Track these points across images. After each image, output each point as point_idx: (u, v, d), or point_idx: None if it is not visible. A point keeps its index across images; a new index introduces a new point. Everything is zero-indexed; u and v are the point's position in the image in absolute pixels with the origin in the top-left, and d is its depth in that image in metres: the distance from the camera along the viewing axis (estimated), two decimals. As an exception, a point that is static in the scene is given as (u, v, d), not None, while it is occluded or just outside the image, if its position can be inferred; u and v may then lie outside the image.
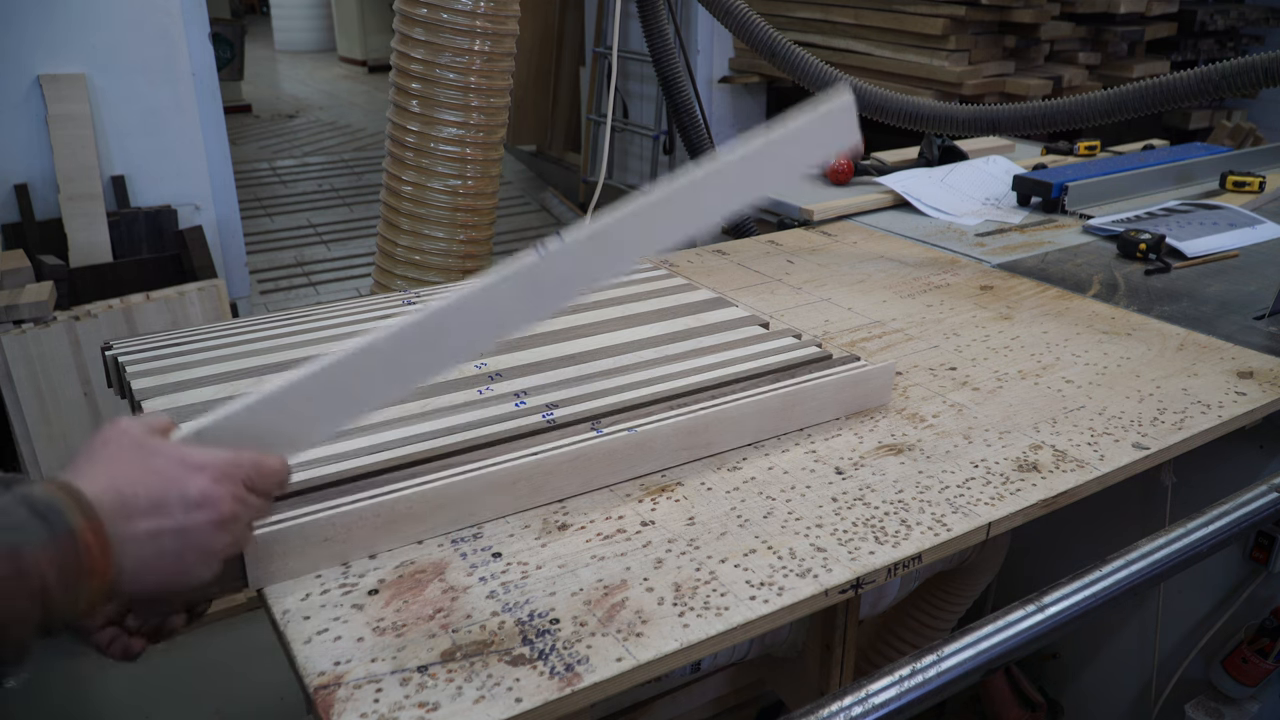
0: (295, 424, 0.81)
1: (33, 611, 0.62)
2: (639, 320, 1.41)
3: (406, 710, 0.76)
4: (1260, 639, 1.51)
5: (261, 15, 13.43)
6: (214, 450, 0.75)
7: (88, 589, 0.65)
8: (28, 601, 0.61)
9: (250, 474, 0.76)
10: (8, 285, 2.56)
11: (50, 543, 0.62)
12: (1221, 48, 4.55)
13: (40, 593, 0.62)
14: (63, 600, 0.63)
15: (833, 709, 0.84)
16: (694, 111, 2.34)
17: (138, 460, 0.71)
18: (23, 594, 0.61)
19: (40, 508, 0.63)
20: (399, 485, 0.97)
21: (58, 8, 3.01)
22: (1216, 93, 1.54)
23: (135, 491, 0.69)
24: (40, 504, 0.64)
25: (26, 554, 0.61)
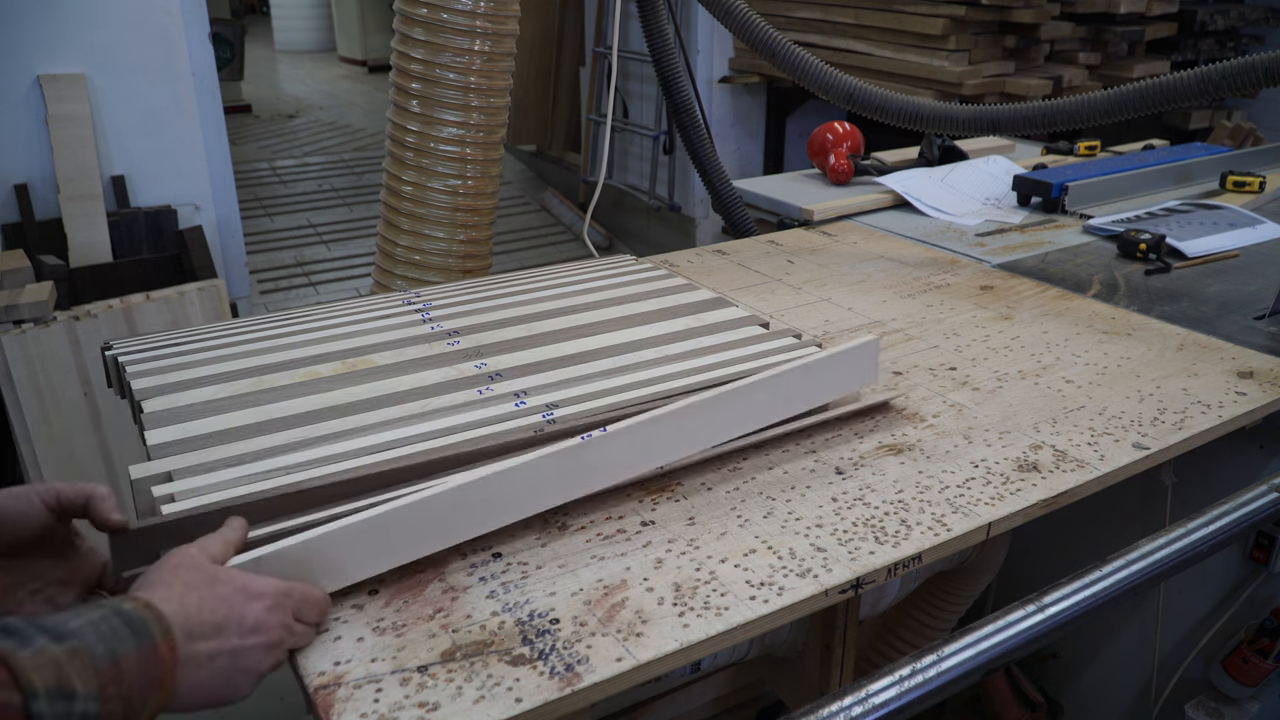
0: (344, 560, 0.88)
1: (117, 715, 0.67)
2: (639, 320, 1.41)
3: (406, 710, 0.76)
4: (1260, 639, 1.51)
5: (261, 15, 13.44)
6: (269, 580, 0.82)
7: (154, 701, 0.71)
8: (120, 706, 0.67)
9: (299, 605, 0.83)
10: (8, 285, 2.56)
11: (137, 653, 0.69)
12: (1221, 48, 4.55)
13: (126, 699, 0.68)
14: (135, 706, 0.69)
15: (833, 709, 0.84)
16: (694, 111, 2.34)
17: (204, 585, 0.78)
18: (118, 698, 0.67)
19: (133, 622, 0.71)
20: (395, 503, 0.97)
21: (58, 8, 3.02)
22: (1216, 93, 1.53)
23: (201, 616, 0.76)
24: (132, 619, 0.71)
25: (122, 659, 0.68)
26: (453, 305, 1.46)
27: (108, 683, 0.67)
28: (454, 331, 1.36)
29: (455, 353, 1.30)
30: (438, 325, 1.38)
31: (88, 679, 0.66)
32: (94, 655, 0.67)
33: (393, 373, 1.23)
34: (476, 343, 1.33)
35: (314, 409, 1.12)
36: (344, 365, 1.24)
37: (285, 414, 1.11)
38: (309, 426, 1.08)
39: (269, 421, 1.09)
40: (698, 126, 2.34)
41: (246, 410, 1.11)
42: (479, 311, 1.44)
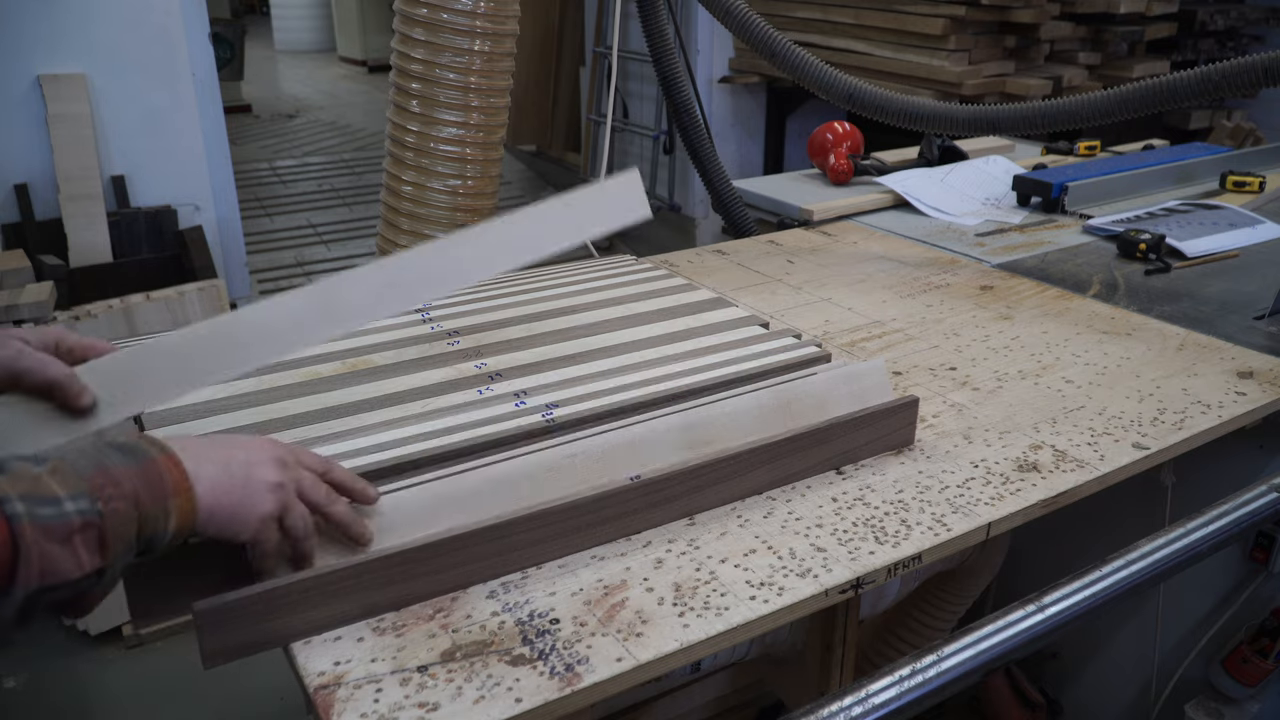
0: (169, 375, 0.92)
1: (129, 514, 0.71)
2: (639, 320, 1.41)
3: (406, 710, 0.76)
4: (1260, 639, 1.51)
5: (261, 15, 13.43)
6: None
7: (176, 505, 0.75)
8: (125, 504, 0.71)
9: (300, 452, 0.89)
10: (8, 285, 2.56)
11: (133, 465, 0.73)
12: (1221, 48, 4.55)
13: (134, 499, 0.72)
14: (154, 512, 0.73)
15: (833, 709, 0.84)
16: (694, 111, 2.34)
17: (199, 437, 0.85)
18: (120, 498, 0.71)
19: (120, 445, 0.75)
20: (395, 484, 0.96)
21: (58, 8, 3.02)
22: (1216, 93, 1.53)
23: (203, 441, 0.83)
24: (122, 445, 0.75)
25: (112, 469, 0.72)
26: (453, 305, 1.46)
27: (99, 485, 0.69)
28: (454, 331, 1.36)
29: (455, 353, 1.30)
30: (438, 325, 1.38)
31: (70, 483, 0.68)
32: (76, 467, 0.70)
33: (393, 373, 1.23)
34: (476, 343, 1.33)
35: (314, 409, 1.12)
36: (344, 365, 1.24)
37: (285, 414, 1.11)
38: (309, 426, 1.08)
39: (269, 421, 1.09)
40: (698, 126, 2.34)
41: (246, 410, 1.11)
42: (479, 311, 1.44)
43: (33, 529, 0.65)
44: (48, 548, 0.66)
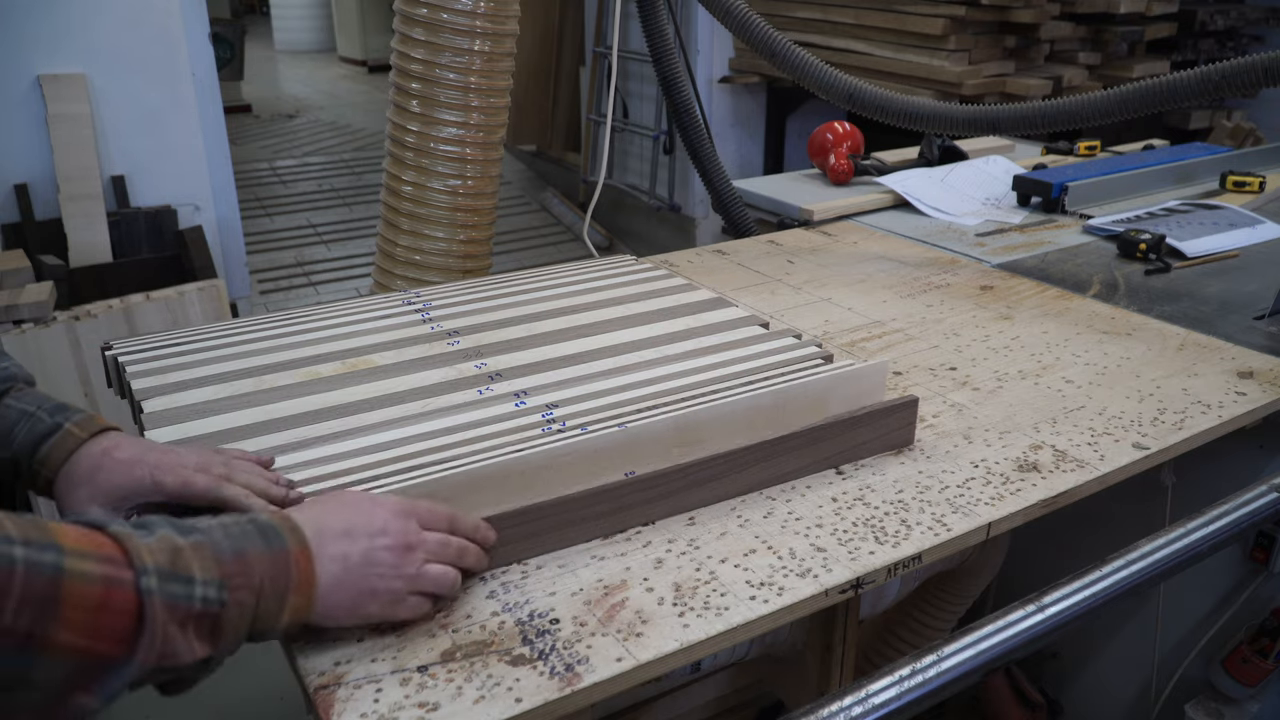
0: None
1: (249, 606, 0.71)
2: (639, 320, 1.41)
3: (406, 710, 0.76)
4: (1260, 639, 1.51)
5: (261, 15, 13.43)
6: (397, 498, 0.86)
7: (293, 603, 0.75)
8: (249, 595, 0.71)
9: (424, 514, 0.86)
10: (8, 285, 2.56)
11: (267, 553, 0.73)
12: (1221, 48, 4.55)
13: (257, 592, 0.71)
14: (271, 606, 0.73)
15: (833, 709, 0.84)
16: (694, 111, 2.34)
17: (335, 499, 0.84)
18: (246, 589, 0.70)
19: (264, 528, 0.75)
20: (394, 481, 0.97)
21: (58, 8, 3.02)
22: (1217, 93, 1.53)
23: (330, 521, 0.80)
24: (264, 525, 0.75)
25: (250, 555, 0.72)
26: (453, 305, 1.46)
27: (233, 574, 0.69)
28: (454, 331, 1.36)
29: (455, 353, 1.30)
30: (438, 325, 1.38)
31: (208, 567, 0.68)
32: (218, 549, 0.69)
33: (393, 373, 1.23)
34: (476, 343, 1.33)
35: (314, 409, 1.12)
36: (344, 365, 1.24)
37: (285, 414, 1.11)
38: (309, 426, 1.08)
39: (269, 421, 1.09)
40: (698, 126, 2.34)
41: (247, 410, 1.11)
42: (479, 311, 1.44)
43: (162, 606, 0.64)
44: (170, 629, 0.65)
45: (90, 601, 0.61)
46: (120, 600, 0.62)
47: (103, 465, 0.88)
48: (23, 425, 0.88)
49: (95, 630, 0.61)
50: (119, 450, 0.89)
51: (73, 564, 0.61)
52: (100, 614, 0.61)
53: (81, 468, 0.88)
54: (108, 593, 0.62)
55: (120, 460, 0.88)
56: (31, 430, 0.89)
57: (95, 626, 0.61)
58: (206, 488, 0.89)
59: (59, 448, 0.88)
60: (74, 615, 0.60)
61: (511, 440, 1.05)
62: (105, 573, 0.62)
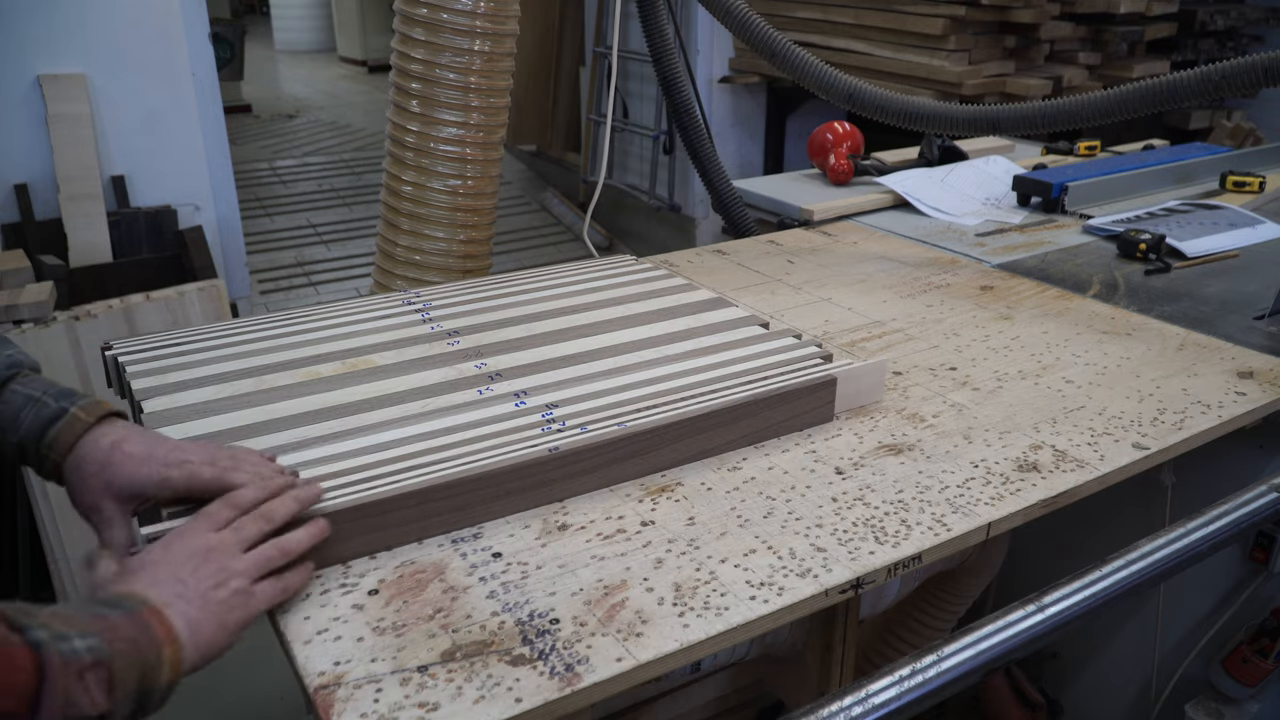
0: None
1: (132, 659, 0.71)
2: (639, 320, 1.41)
3: (406, 710, 0.76)
4: (1260, 639, 1.51)
5: (261, 15, 13.43)
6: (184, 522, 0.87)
7: (169, 656, 0.75)
8: (128, 647, 0.71)
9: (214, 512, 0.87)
10: (8, 285, 2.56)
11: (125, 616, 0.73)
12: (1221, 48, 4.55)
13: (134, 644, 0.71)
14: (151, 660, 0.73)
15: (833, 709, 0.84)
16: (694, 111, 2.34)
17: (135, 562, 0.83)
18: (120, 640, 0.70)
19: (106, 600, 0.76)
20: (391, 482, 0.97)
21: (58, 8, 3.02)
22: (1216, 93, 1.53)
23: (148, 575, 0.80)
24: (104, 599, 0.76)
25: (110, 618, 0.72)
26: (453, 305, 1.46)
27: (102, 630, 0.69)
28: (454, 331, 1.36)
29: (455, 353, 1.30)
30: (438, 325, 1.38)
31: (76, 624, 0.68)
32: (77, 614, 0.70)
33: (393, 373, 1.23)
34: (476, 343, 1.33)
35: (314, 409, 1.12)
36: (344, 365, 1.24)
37: (285, 414, 1.11)
38: (309, 426, 1.08)
39: (269, 421, 1.09)
40: (698, 126, 2.34)
41: (247, 410, 1.11)
42: (479, 311, 1.44)
43: (58, 658, 0.64)
44: (68, 681, 0.64)
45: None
46: (18, 656, 0.62)
47: (113, 460, 0.89)
48: (29, 410, 0.89)
49: (6, 690, 0.61)
50: (128, 444, 0.90)
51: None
52: (6, 673, 0.61)
53: (92, 460, 0.89)
54: (7, 652, 0.62)
55: (130, 455, 0.89)
56: (37, 415, 0.89)
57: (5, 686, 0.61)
58: (213, 478, 0.90)
59: (66, 432, 0.89)
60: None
61: (511, 440, 1.05)
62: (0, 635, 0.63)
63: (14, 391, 0.90)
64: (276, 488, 0.91)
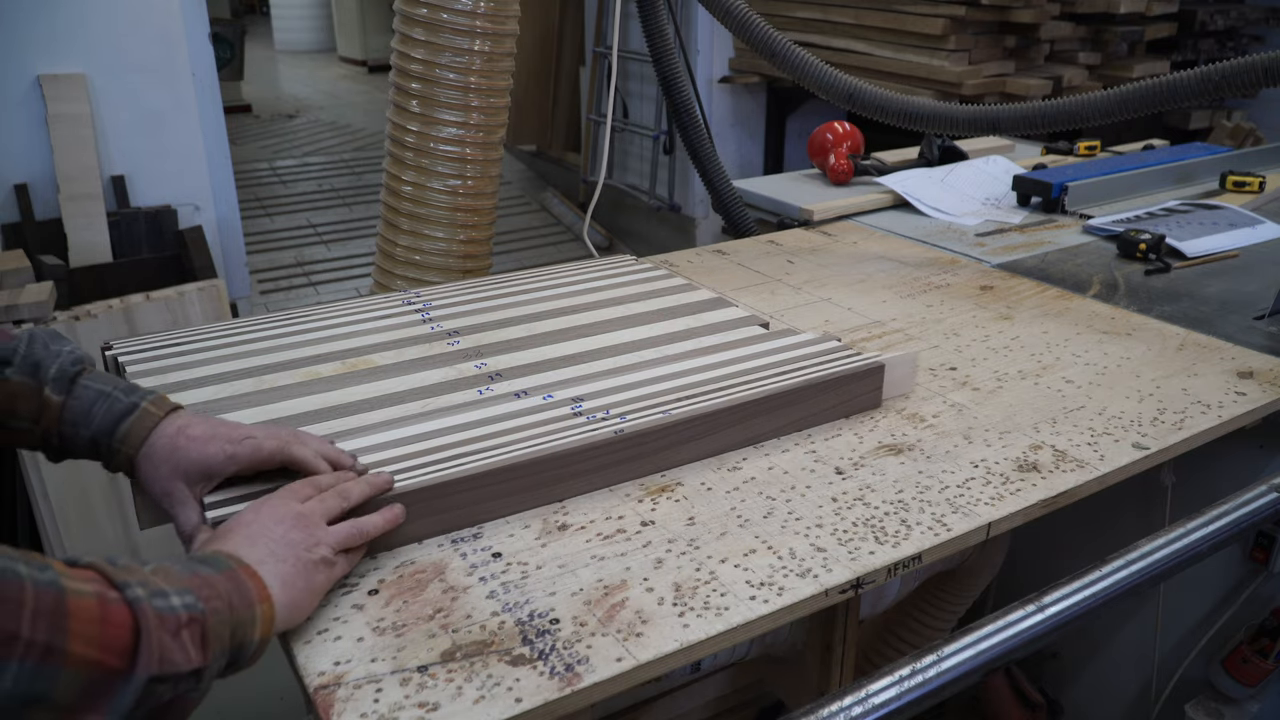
0: None
1: (225, 615, 0.73)
2: (639, 320, 1.41)
3: (406, 710, 0.76)
4: (1260, 639, 1.51)
5: (261, 15, 13.43)
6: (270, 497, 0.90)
7: (262, 612, 0.78)
8: (222, 605, 0.73)
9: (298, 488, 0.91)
10: (8, 285, 2.56)
11: (219, 574, 0.76)
12: (1221, 48, 4.55)
13: (228, 602, 0.74)
14: (244, 617, 0.75)
15: (833, 709, 0.84)
16: (694, 111, 2.34)
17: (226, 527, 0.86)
18: (215, 598, 0.73)
19: (203, 558, 0.78)
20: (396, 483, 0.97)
21: (58, 8, 3.02)
22: (1217, 93, 1.53)
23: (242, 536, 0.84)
24: (201, 557, 0.78)
25: (206, 575, 0.74)
26: (453, 305, 1.46)
27: (198, 586, 0.71)
28: (454, 331, 1.36)
29: (455, 353, 1.30)
30: (438, 325, 1.38)
31: (174, 581, 0.70)
32: (177, 571, 0.72)
33: (393, 373, 1.23)
34: (476, 343, 1.33)
35: (314, 409, 1.12)
36: (344, 365, 1.24)
37: (285, 414, 1.11)
38: (309, 427, 1.08)
39: (269, 421, 1.09)
40: (698, 126, 2.34)
41: (247, 410, 1.11)
42: (479, 311, 1.44)
43: (154, 615, 0.66)
44: (163, 636, 0.66)
45: (92, 614, 0.62)
46: (116, 614, 0.64)
47: (179, 444, 0.92)
48: (100, 405, 0.92)
49: (102, 642, 0.62)
50: (192, 429, 0.94)
51: (68, 582, 0.63)
52: (103, 626, 0.63)
53: (160, 447, 0.92)
54: (104, 607, 0.64)
55: (195, 438, 0.93)
56: (110, 410, 0.92)
57: (101, 639, 0.62)
58: (276, 449, 0.94)
59: (139, 425, 0.92)
60: (81, 628, 0.61)
61: (512, 440, 1.05)
62: (97, 590, 0.64)
63: (84, 387, 0.93)
64: (347, 465, 0.97)
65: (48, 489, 2.46)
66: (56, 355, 0.92)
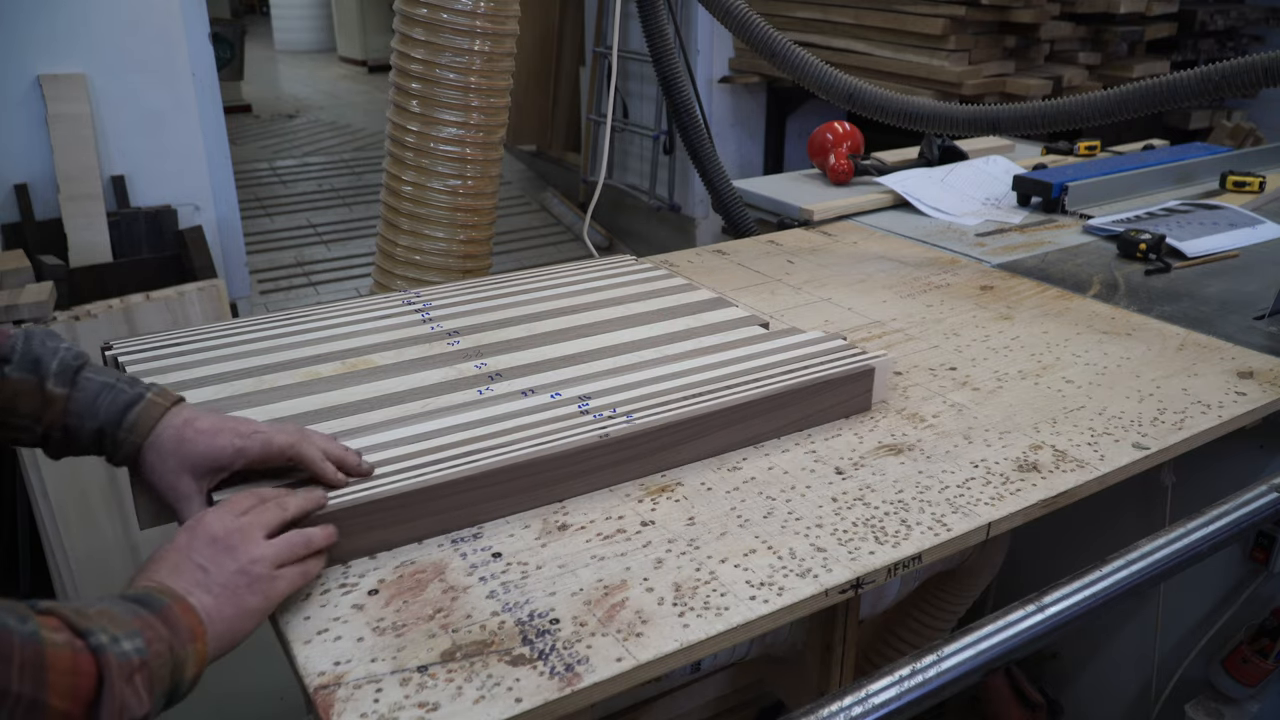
0: None
1: (166, 658, 0.72)
2: (639, 320, 1.41)
3: (406, 710, 0.76)
4: (1260, 639, 1.51)
5: (261, 15, 13.43)
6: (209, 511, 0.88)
7: (195, 651, 0.76)
8: (163, 646, 0.72)
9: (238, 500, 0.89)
10: (8, 285, 2.56)
11: (155, 614, 0.74)
12: (1221, 48, 4.55)
13: (168, 643, 0.73)
14: (181, 656, 0.74)
15: (833, 709, 0.84)
16: (694, 111, 2.34)
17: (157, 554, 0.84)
18: (157, 640, 0.72)
19: (137, 597, 0.76)
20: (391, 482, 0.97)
21: (58, 8, 3.01)
22: (1217, 93, 1.53)
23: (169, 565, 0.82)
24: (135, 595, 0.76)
25: (145, 617, 0.73)
26: (453, 305, 1.46)
27: (142, 628, 0.71)
28: (454, 331, 1.36)
29: (455, 353, 1.30)
30: (438, 325, 1.38)
31: (122, 625, 0.70)
32: (119, 615, 0.71)
33: (393, 373, 1.23)
34: (476, 343, 1.33)
35: (314, 409, 1.12)
36: (344, 365, 1.24)
37: (285, 414, 1.11)
38: (309, 427, 1.08)
39: (269, 422, 1.09)
40: (698, 126, 2.34)
41: (247, 410, 1.11)
42: (479, 311, 1.44)
43: (115, 663, 0.66)
44: (121, 685, 0.66)
45: (66, 665, 0.63)
46: (84, 663, 0.65)
47: (186, 437, 0.92)
48: (105, 395, 0.92)
49: (74, 694, 0.63)
50: (199, 421, 0.93)
51: (46, 633, 0.63)
52: (75, 678, 0.64)
53: (167, 438, 0.92)
54: (74, 659, 0.64)
55: (203, 431, 0.92)
56: (114, 400, 0.92)
57: (73, 690, 0.63)
58: (286, 444, 0.93)
59: (146, 415, 0.92)
60: (57, 680, 0.62)
61: (512, 440, 1.05)
62: (67, 639, 0.65)
63: (88, 379, 0.93)
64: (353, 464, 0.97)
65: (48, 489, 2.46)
66: (55, 351, 0.92)
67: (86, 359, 0.95)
